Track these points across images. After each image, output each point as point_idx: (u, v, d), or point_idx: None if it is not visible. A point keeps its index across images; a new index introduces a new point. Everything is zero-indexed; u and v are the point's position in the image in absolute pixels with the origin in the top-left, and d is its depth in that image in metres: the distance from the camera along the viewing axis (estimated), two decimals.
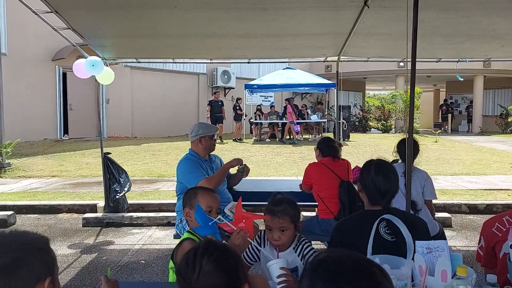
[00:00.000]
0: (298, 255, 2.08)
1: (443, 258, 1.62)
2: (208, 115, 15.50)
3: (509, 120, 20.18)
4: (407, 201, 3.05)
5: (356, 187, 3.88)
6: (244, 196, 4.08)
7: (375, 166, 2.17)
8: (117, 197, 5.83)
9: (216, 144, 4.06)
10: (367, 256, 1.77)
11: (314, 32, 4.88)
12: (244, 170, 3.88)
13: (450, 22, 4.49)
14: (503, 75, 20.93)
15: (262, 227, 2.28)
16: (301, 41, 5.19)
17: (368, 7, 4.05)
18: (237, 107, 16.24)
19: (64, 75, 14.55)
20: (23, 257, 1.12)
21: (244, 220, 1.86)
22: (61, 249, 4.82)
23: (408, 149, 3.02)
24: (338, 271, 0.97)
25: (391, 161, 3.27)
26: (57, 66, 14.28)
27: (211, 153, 3.91)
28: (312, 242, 2.58)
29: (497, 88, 22.91)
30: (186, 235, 2.10)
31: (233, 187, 4.16)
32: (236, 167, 3.92)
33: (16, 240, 1.15)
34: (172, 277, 2.07)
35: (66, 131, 14.83)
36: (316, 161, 4.02)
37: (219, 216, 1.93)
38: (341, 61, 5.90)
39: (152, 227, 5.73)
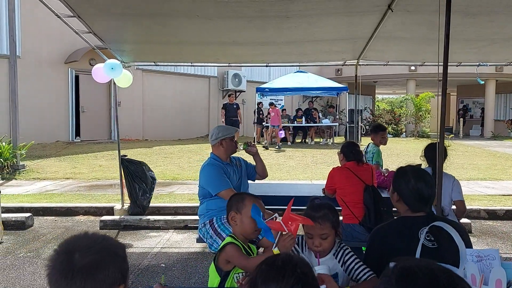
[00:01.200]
0: (339, 261, 2.04)
1: (498, 267, 1.58)
2: (223, 119, 14.63)
3: None
4: (437, 206, 3.00)
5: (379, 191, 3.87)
6: (264, 200, 4.09)
7: (414, 173, 2.13)
8: (147, 197, 5.91)
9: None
10: None
11: (335, 38, 4.86)
12: (248, 146, 3.88)
13: (473, 26, 4.44)
14: None
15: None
16: (321, 46, 5.17)
17: (392, 11, 4.03)
18: (260, 111, 16.19)
19: (77, 77, 14.64)
20: (102, 260, 1.14)
21: (290, 222, 1.86)
22: None
23: (439, 154, 2.97)
24: (431, 282, 0.92)
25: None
26: (69, 68, 14.38)
27: (231, 156, 3.88)
28: None
29: (509, 93, 22.71)
30: (228, 239, 2.09)
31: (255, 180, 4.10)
32: (241, 146, 3.94)
33: (97, 244, 1.17)
34: (212, 281, 2.05)
35: (78, 133, 14.91)
36: (340, 165, 3.99)
37: (276, 214, 1.94)
38: (360, 64, 5.87)
39: (170, 230, 5.72)
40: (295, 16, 3.98)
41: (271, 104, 15.03)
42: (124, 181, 5.98)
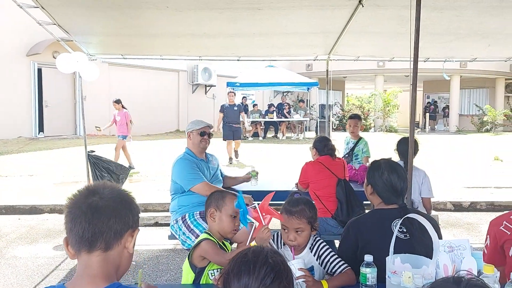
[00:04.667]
0: (314, 255, 2.05)
1: (469, 257, 1.61)
2: (219, 127, 10.68)
3: (484, 119, 20.76)
4: (408, 199, 3.05)
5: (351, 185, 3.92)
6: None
7: (387, 166, 2.15)
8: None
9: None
10: (389, 255, 1.75)
11: (307, 31, 4.85)
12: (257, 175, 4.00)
13: (440, 21, 4.54)
14: (478, 75, 21.51)
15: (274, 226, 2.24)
16: (292, 39, 5.16)
17: (363, 6, 4.06)
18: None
19: (40, 71, 14.10)
20: (128, 201, 1.23)
21: (265, 214, 1.88)
22: (46, 251, 4.65)
23: (409, 148, 3.03)
24: None
25: None
26: (32, 61, 13.82)
27: (207, 152, 3.82)
28: None
29: (473, 88, 23.54)
30: (204, 235, 2.05)
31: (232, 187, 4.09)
32: (250, 172, 4.10)
33: (119, 189, 1.25)
34: (185, 278, 2.00)
35: (41, 128, 14.39)
36: (312, 160, 4.00)
37: (255, 204, 1.93)
38: (331, 59, 5.91)
39: (139, 227, 5.59)
40: (266, 8, 3.95)
41: (117, 102, 9.69)
42: (91, 178, 5.80)
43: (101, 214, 1.16)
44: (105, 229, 1.16)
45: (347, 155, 5.13)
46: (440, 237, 1.95)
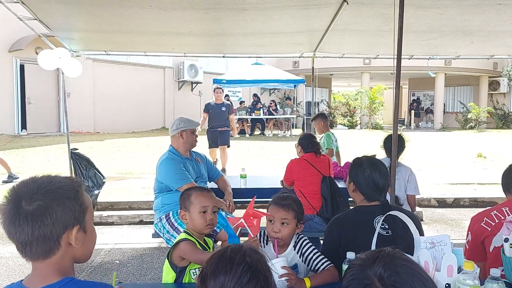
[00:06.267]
0: (297, 253, 2.05)
1: (449, 254, 1.62)
2: (206, 128, 8.59)
3: (468, 116, 21.05)
4: (391, 195, 3.07)
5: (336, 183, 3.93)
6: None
7: (369, 163, 2.16)
8: (95, 193, 5.60)
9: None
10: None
11: (292, 30, 4.86)
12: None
13: (424, 19, 4.58)
14: (463, 73, 21.77)
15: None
16: (278, 39, 5.16)
17: (348, 3, 4.07)
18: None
19: (22, 67, 13.84)
20: (48, 205, 1.11)
21: (252, 217, 1.87)
22: None
23: (393, 144, 3.04)
24: None
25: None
26: (14, 57, 13.55)
27: (192, 150, 3.79)
28: None
29: (457, 86, 23.84)
30: (182, 235, 2.04)
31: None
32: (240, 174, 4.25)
33: (43, 188, 1.13)
34: (166, 277, 1.98)
35: (24, 126, 14.13)
36: (297, 157, 4.00)
37: (241, 220, 1.90)
38: (316, 57, 5.91)
39: (124, 226, 5.55)
40: (251, 9, 3.94)
41: None
42: (74, 176, 5.72)
43: (24, 227, 1.08)
44: (33, 242, 1.09)
45: None
46: (421, 233, 1.96)
